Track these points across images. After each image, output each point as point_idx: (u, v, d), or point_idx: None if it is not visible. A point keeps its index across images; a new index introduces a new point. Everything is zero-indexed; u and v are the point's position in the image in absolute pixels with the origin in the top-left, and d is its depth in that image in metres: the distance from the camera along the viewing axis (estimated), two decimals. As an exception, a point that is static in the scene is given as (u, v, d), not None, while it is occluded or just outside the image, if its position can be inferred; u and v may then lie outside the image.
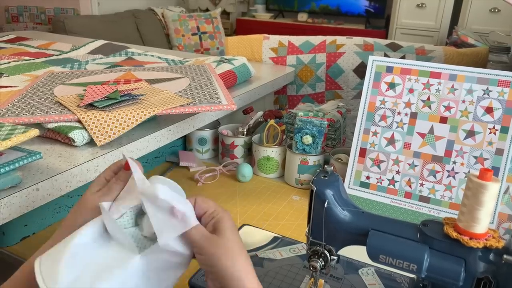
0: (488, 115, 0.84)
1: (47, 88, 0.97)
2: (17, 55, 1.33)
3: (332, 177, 0.57)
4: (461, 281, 0.48)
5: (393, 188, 0.91)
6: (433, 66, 0.89)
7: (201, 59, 1.37)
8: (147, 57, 1.41)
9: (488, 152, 0.84)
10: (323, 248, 0.56)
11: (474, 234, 0.48)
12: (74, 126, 0.77)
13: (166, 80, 1.06)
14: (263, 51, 1.71)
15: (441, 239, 0.49)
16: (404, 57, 1.64)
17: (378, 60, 0.93)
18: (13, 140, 0.62)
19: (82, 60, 1.33)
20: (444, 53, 1.68)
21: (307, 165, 1.01)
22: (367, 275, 0.68)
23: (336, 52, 1.67)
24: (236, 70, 1.21)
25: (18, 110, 0.82)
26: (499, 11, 3.27)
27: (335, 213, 0.54)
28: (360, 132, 0.93)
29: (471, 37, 2.59)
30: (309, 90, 1.71)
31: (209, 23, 3.28)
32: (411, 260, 0.49)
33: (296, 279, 0.67)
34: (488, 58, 1.69)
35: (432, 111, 0.88)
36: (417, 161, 0.89)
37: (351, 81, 1.67)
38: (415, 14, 3.67)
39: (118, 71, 1.15)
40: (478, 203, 0.47)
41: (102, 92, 0.86)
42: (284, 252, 0.74)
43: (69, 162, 0.71)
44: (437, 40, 3.61)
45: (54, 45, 1.56)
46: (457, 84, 0.87)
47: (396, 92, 0.91)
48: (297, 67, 1.67)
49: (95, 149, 0.76)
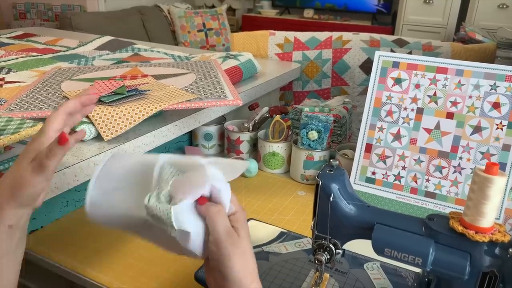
0: (495, 110, 0.84)
1: (55, 84, 0.98)
2: (25, 51, 1.34)
3: (337, 171, 0.57)
4: (467, 275, 0.48)
5: (399, 183, 0.90)
6: (439, 61, 0.88)
7: (207, 55, 1.37)
8: (154, 53, 1.41)
9: (495, 148, 0.84)
10: (329, 242, 0.56)
11: (480, 228, 0.48)
12: (81, 121, 0.78)
13: (172, 75, 1.07)
14: (269, 47, 1.71)
15: (446, 233, 0.49)
16: (410, 53, 1.64)
17: (385, 56, 0.93)
18: (22, 134, 0.63)
19: (89, 56, 1.34)
20: (451, 49, 1.67)
21: (313, 160, 1.02)
22: (373, 269, 0.68)
23: (342, 48, 1.66)
24: (242, 66, 1.21)
25: (26, 105, 0.82)
26: (507, 7, 3.24)
27: (340, 207, 0.55)
28: (366, 127, 0.93)
29: (478, 33, 2.56)
30: (315, 86, 1.71)
31: (215, 20, 3.28)
32: (416, 253, 0.49)
33: (301, 273, 0.67)
34: (496, 54, 1.68)
35: (438, 107, 0.88)
36: (423, 156, 0.89)
37: (357, 77, 1.67)
38: (422, 10, 3.65)
39: (125, 66, 1.16)
40: (484, 197, 0.47)
41: (109, 87, 0.87)
42: (289, 246, 0.74)
43: (77, 156, 0.72)
44: (445, 37, 3.58)
45: (61, 41, 1.57)
46: (464, 80, 0.86)
47: (402, 87, 0.91)
48: (303, 63, 1.67)
49: (102, 143, 0.77)
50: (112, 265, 0.73)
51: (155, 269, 0.72)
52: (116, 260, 0.74)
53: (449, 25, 3.59)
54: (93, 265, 0.73)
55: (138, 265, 0.73)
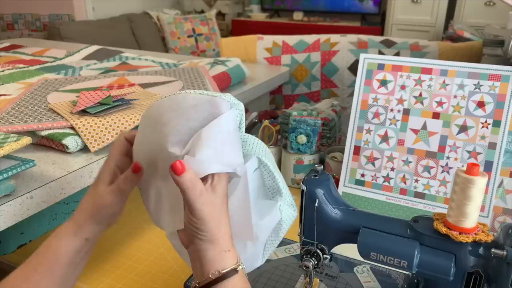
0: (480, 109, 0.84)
1: (41, 96, 0.97)
2: (12, 63, 1.34)
3: (322, 176, 0.57)
4: (452, 275, 0.48)
5: (388, 185, 0.91)
6: (424, 62, 0.89)
7: (195, 61, 1.37)
8: (141, 61, 1.41)
9: (481, 146, 0.84)
10: (316, 247, 0.56)
11: (463, 229, 0.48)
12: (67, 132, 0.78)
13: (159, 83, 1.07)
14: (258, 52, 1.71)
15: (431, 235, 0.50)
16: (398, 53, 1.64)
17: (370, 58, 0.94)
18: (6, 148, 0.62)
19: (76, 66, 1.34)
20: (438, 48, 1.69)
21: (303, 164, 1.02)
22: (362, 272, 0.68)
23: (330, 50, 1.67)
24: (230, 72, 1.21)
25: (11, 118, 0.82)
26: (494, 4, 3.27)
27: (326, 212, 0.55)
28: (354, 130, 0.93)
29: (466, 31, 2.58)
30: (304, 89, 1.71)
31: (205, 25, 3.29)
32: (401, 256, 0.50)
33: (291, 279, 0.67)
34: (483, 52, 1.69)
35: (424, 107, 0.88)
36: (411, 157, 0.89)
37: (346, 79, 1.67)
38: (410, 9, 3.67)
39: (112, 76, 1.16)
40: (466, 198, 0.47)
41: (95, 98, 0.87)
42: (279, 252, 0.74)
43: (63, 169, 0.71)
44: (433, 35, 3.61)
45: (49, 52, 1.56)
46: (449, 79, 0.87)
47: (388, 89, 0.91)
48: (292, 66, 1.68)
49: (89, 155, 0.77)
50: (102, 277, 0.72)
51: (146, 280, 0.72)
52: (106, 272, 0.74)
53: (438, 23, 3.62)
54: (82, 277, 0.72)
55: (128, 276, 0.72)
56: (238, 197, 0.50)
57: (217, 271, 0.44)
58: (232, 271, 0.44)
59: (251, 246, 0.51)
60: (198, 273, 0.45)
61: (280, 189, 0.54)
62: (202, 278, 0.44)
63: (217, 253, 0.44)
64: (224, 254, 0.45)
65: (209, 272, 0.44)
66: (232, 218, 0.47)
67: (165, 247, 0.80)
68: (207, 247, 0.44)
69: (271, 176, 0.54)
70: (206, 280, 0.44)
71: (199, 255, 0.45)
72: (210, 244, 0.44)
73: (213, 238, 0.44)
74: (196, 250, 0.45)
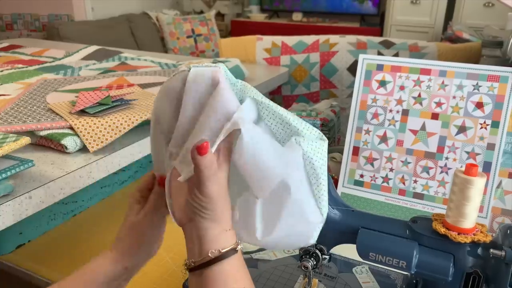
0: (479, 110, 0.84)
1: (40, 96, 0.97)
2: (11, 63, 1.34)
3: (321, 176, 0.57)
4: (450, 276, 0.48)
5: (387, 185, 0.91)
6: (423, 63, 0.89)
7: (194, 62, 1.37)
8: (140, 62, 1.41)
9: (480, 147, 0.84)
10: (315, 248, 0.56)
11: (462, 229, 0.48)
12: (66, 133, 0.77)
13: (158, 84, 1.07)
14: (257, 52, 1.72)
15: (429, 235, 0.50)
16: (397, 54, 1.65)
17: (369, 59, 0.94)
18: (5, 148, 0.62)
19: (75, 66, 1.34)
20: (437, 49, 1.69)
21: (302, 165, 1.02)
22: (361, 273, 0.68)
23: (329, 51, 1.67)
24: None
25: (10, 118, 0.82)
26: (493, 5, 3.28)
27: (325, 213, 0.55)
28: (353, 130, 0.94)
29: (465, 32, 2.59)
30: (303, 90, 1.71)
31: (204, 25, 3.28)
32: (400, 257, 0.50)
33: (290, 279, 0.67)
34: (482, 53, 1.69)
35: (423, 108, 0.88)
36: (410, 158, 0.89)
37: (346, 79, 1.67)
38: (409, 10, 3.68)
39: (111, 76, 1.16)
40: (465, 198, 0.47)
41: (94, 98, 0.87)
42: (278, 253, 0.74)
43: (62, 169, 0.71)
44: (432, 36, 3.62)
45: (48, 52, 1.56)
46: (447, 80, 0.87)
47: (387, 89, 0.91)
48: (291, 67, 1.68)
49: (88, 155, 0.77)
50: (101, 277, 0.72)
51: (143, 281, 0.72)
52: (105, 272, 0.74)
53: (437, 24, 3.62)
54: (81, 278, 0.72)
55: (127, 277, 0.72)
56: (247, 152, 0.44)
57: (217, 250, 0.43)
58: (232, 251, 0.43)
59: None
60: (196, 251, 0.44)
61: (293, 126, 0.47)
62: (199, 257, 0.43)
63: (217, 232, 0.44)
64: (225, 233, 0.44)
65: (209, 250, 0.43)
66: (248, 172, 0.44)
67: (164, 248, 0.79)
68: (208, 226, 0.43)
69: (277, 116, 0.47)
70: (204, 259, 0.43)
71: (199, 233, 0.44)
72: (212, 223, 0.43)
73: (216, 217, 0.43)
74: (197, 228, 0.44)
